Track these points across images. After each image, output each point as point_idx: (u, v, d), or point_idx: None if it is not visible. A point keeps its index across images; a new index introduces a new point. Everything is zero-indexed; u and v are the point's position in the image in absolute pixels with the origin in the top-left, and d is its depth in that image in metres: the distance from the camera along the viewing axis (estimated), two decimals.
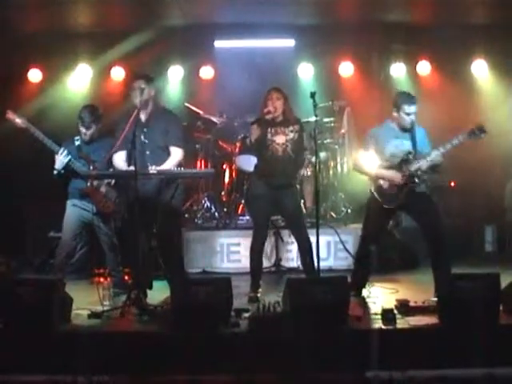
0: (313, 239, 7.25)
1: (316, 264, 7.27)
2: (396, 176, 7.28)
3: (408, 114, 7.27)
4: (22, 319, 6.16)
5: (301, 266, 7.89)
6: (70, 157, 7.69)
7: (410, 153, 7.30)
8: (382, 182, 7.39)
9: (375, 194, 7.44)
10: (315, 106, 7.17)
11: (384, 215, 7.62)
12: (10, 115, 7.79)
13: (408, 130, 7.38)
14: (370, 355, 5.86)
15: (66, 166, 7.70)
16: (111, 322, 6.67)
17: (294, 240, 8.14)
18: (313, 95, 7.13)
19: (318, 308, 6.07)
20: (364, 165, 7.49)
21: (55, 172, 7.75)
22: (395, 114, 7.36)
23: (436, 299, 6.53)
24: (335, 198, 10.53)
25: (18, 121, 7.74)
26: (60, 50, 10.72)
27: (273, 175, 7.58)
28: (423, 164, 7.22)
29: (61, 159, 7.68)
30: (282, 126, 7.61)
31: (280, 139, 7.57)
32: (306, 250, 7.64)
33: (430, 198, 7.48)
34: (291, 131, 7.62)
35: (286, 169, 7.63)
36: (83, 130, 7.84)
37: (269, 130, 7.57)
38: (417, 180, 7.27)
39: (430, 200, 7.46)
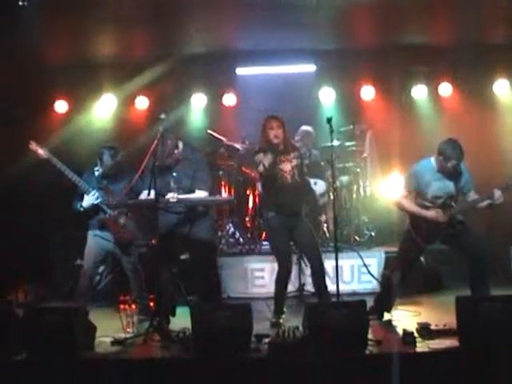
0: (334, 263, 7.26)
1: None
2: (439, 216, 7.28)
3: (455, 167, 7.21)
4: (46, 347, 6.26)
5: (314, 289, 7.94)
6: (100, 200, 7.83)
7: (452, 197, 7.31)
8: (420, 221, 7.36)
9: (412, 232, 7.43)
10: (332, 131, 7.21)
11: (418, 251, 7.67)
12: (33, 146, 7.95)
13: (451, 174, 7.33)
14: (390, 379, 5.87)
15: (93, 206, 7.85)
16: (134, 348, 6.76)
17: None
18: (329, 120, 7.15)
19: (338, 332, 6.09)
20: (405, 204, 7.49)
21: (81, 209, 7.88)
22: (441, 161, 7.25)
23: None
24: (358, 222, 10.53)
25: (41, 152, 7.90)
26: (85, 81, 10.91)
27: (285, 203, 7.57)
28: (464, 210, 7.31)
29: (91, 200, 7.82)
30: (285, 153, 7.63)
31: (286, 167, 7.59)
32: (319, 273, 7.71)
33: (464, 223, 7.41)
34: (294, 158, 7.64)
35: (297, 195, 7.65)
36: (100, 169, 7.97)
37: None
38: (457, 225, 7.31)
39: (464, 225, 7.40)
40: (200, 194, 7.59)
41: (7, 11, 7.88)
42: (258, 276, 9.59)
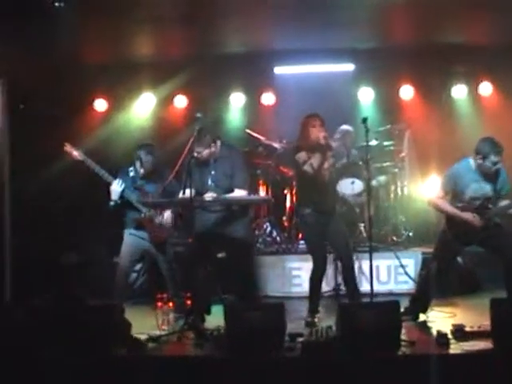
0: (369, 263, 7.25)
1: (365, 287, 7.31)
2: (474, 220, 7.22)
3: (494, 164, 7.14)
4: (82, 343, 6.34)
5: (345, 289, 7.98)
6: (124, 186, 7.87)
7: (489, 198, 7.25)
8: (456, 222, 7.31)
9: (448, 233, 7.40)
10: (367, 131, 7.21)
11: (454, 252, 7.69)
12: (68, 148, 8.03)
13: (490, 175, 7.28)
14: (423, 380, 5.85)
15: (121, 196, 7.89)
16: (168, 346, 6.82)
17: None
18: (364, 120, 7.17)
19: (370, 333, 6.09)
20: (441, 204, 7.45)
21: (112, 203, 7.94)
22: (479, 161, 7.20)
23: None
24: (396, 222, 10.50)
25: (75, 154, 7.99)
26: (124, 80, 10.97)
27: (322, 201, 7.60)
28: (503, 212, 7.27)
29: (115, 189, 7.87)
30: (324, 151, 7.61)
31: (325, 165, 7.61)
32: (350, 272, 7.74)
33: (500, 225, 7.37)
34: (331, 156, 7.66)
35: (333, 193, 7.76)
36: (141, 170, 8.02)
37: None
38: (494, 227, 7.26)
39: (500, 228, 7.36)
40: (239, 194, 7.61)
41: (44, 12, 7.96)
42: (295, 275, 9.59)
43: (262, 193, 10.46)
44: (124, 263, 8.03)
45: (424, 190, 10.31)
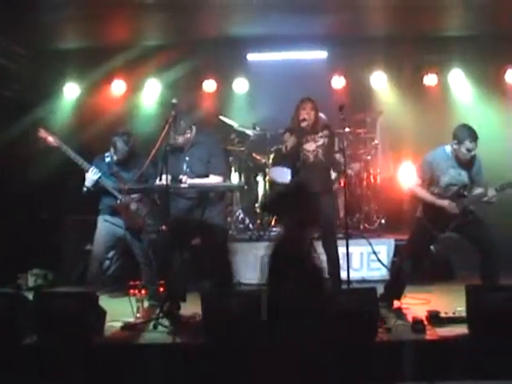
0: (344, 250, 7.26)
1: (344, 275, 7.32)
2: (450, 207, 7.28)
3: (469, 150, 7.18)
4: (55, 331, 6.29)
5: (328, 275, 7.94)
6: (99, 174, 7.78)
7: (465, 185, 7.31)
8: (433, 209, 7.35)
9: (424, 219, 7.44)
10: (343, 118, 7.23)
11: (430, 239, 7.69)
12: (42, 134, 7.88)
13: (466, 162, 7.34)
14: (399, 366, 5.89)
15: (96, 184, 7.81)
16: (143, 334, 6.79)
17: None
18: (341, 108, 7.19)
19: (348, 319, 6.10)
20: (419, 192, 7.48)
21: (85, 189, 7.84)
22: (455, 147, 7.25)
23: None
24: (368, 209, 10.54)
25: (50, 139, 7.84)
26: (96, 65, 10.82)
27: (307, 182, 7.55)
28: (477, 200, 7.28)
29: (91, 177, 7.77)
30: (312, 133, 7.65)
31: (310, 146, 7.63)
32: (334, 259, 7.68)
33: (475, 213, 7.42)
34: (321, 137, 7.66)
35: (320, 174, 7.69)
36: (115, 156, 7.93)
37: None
38: (469, 214, 7.31)
39: (475, 215, 7.41)
40: (214, 180, 7.58)
41: None
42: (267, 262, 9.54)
43: (235, 179, 10.42)
44: (98, 250, 7.91)
45: (397, 178, 10.38)
